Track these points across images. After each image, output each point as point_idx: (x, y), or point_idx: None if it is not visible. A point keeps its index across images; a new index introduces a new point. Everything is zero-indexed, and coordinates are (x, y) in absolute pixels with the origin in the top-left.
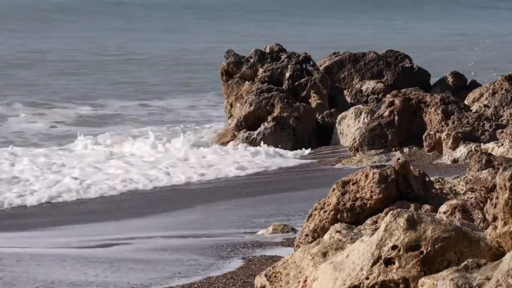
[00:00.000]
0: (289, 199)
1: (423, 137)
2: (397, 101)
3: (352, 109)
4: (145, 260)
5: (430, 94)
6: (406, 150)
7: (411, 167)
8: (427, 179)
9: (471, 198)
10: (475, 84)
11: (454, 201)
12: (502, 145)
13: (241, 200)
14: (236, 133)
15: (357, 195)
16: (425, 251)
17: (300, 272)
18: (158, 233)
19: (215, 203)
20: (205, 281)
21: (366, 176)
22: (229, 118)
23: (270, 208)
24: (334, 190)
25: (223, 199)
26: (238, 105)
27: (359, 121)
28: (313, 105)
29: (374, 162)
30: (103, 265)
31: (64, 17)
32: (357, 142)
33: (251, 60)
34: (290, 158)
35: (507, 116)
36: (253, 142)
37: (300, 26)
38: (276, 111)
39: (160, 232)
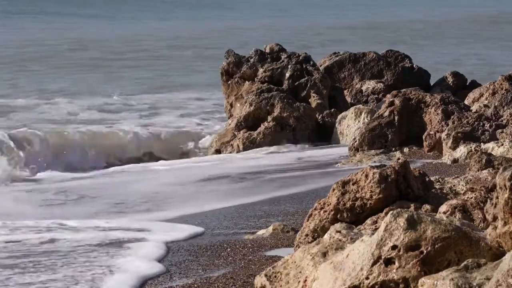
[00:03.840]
0: (289, 199)
1: (423, 137)
2: (397, 101)
3: (352, 109)
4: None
5: (430, 94)
6: (406, 150)
7: (411, 167)
8: (427, 179)
9: (471, 198)
10: (475, 84)
11: (454, 201)
12: (502, 145)
13: (241, 200)
14: (236, 133)
15: (357, 195)
16: (425, 251)
17: (300, 272)
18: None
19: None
20: (205, 281)
21: (366, 176)
22: (229, 118)
23: (270, 208)
24: (334, 190)
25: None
26: (238, 105)
27: (359, 121)
28: (313, 105)
29: (374, 162)
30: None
31: None
32: (357, 142)
33: (251, 60)
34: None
35: (507, 116)
36: (253, 142)
37: None
38: (276, 111)
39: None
